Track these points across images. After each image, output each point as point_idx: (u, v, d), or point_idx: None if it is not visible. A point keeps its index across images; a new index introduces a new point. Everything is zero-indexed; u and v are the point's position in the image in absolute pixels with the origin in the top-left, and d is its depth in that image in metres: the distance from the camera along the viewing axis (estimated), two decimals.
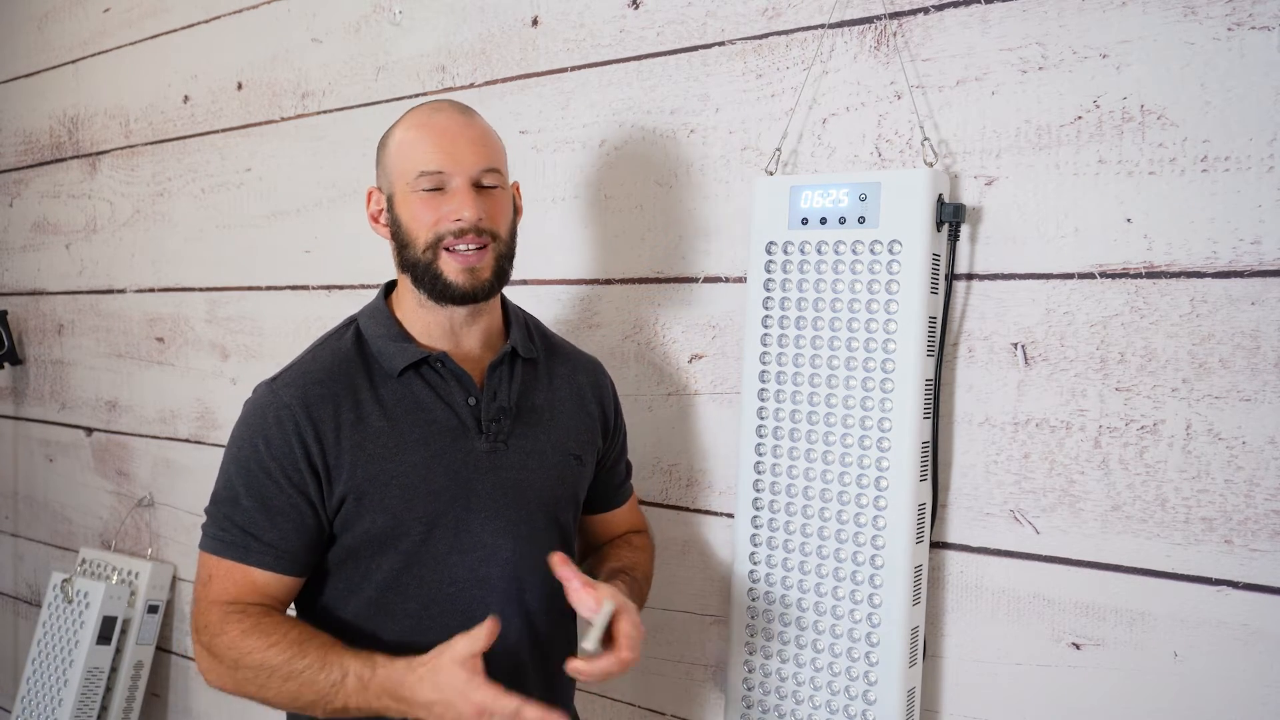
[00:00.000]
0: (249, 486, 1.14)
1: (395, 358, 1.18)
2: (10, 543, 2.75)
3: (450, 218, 1.15)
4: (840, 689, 1.23)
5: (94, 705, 2.15)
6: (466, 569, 1.17)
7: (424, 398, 1.18)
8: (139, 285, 2.35)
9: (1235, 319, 1.06)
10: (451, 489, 1.16)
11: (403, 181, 1.17)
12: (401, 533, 1.15)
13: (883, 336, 1.20)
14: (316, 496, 1.14)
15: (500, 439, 1.19)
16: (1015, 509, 1.20)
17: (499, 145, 1.22)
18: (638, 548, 1.37)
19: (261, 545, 1.14)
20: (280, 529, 1.14)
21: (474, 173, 1.16)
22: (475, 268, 1.16)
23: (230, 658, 1.11)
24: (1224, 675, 1.07)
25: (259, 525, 1.14)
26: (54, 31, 2.56)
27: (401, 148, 1.18)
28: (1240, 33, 1.05)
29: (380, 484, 1.14)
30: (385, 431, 1.15)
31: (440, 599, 1.17)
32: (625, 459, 1.40)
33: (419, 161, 1.16)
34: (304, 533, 1.15)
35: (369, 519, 1.14)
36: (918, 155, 1.25)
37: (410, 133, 1.18)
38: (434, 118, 1.19)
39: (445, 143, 1.16)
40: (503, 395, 1.20)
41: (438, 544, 1.16)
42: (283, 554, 1.15)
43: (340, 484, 1.14)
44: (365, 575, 1.17)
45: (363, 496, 1.14)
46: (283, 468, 1.13)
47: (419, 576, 1.16)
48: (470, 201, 1.14)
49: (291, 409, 1.14)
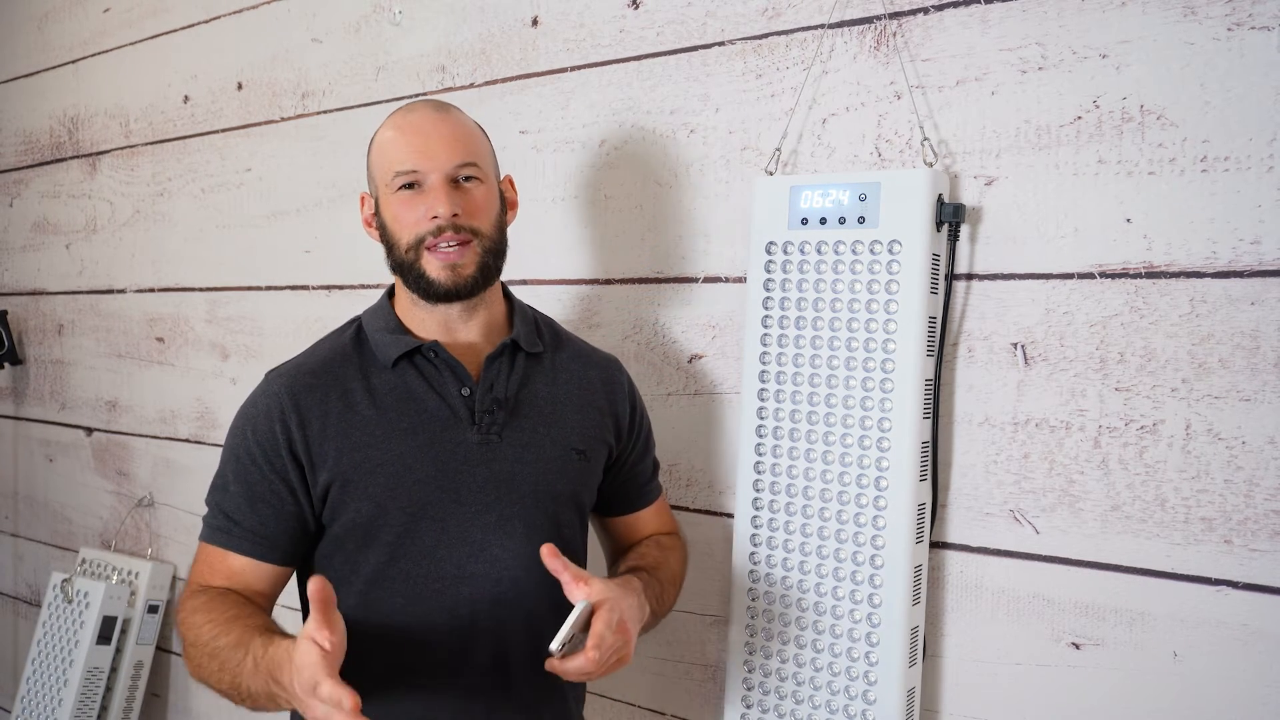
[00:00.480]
0: (236, 474, 1.16)
1: (389, 347, 1.18)
2: (10, 543, 2.75)
3: (426, 216, 1.15)
4: (840, 689, 1.23)
5: (94, 705, 2.15)
6: (454, 564, 1.15)
7: (416, 387, 1.17)
8: (139, 285, 2.35)
9: (1235, 319, 1.06)
10: (438, 479, 1.15)
11: (383, 183, 1.18)
12: (385, 522, 1.14)
13: (883, 336, 1.20)
14: (299, 484, 1.14)
15: (494, 431, 1.17)
16: (1015, 509, 1.20)
17: (478, 140, 1.21)
18: (666, 548, 1.33)
19: (241, 530, 1.15)
20: (260, 514, 1.15)
21: (449, 169, 1.15)
22: (457, 264, 1.15)
23: (186, 638, 1.12)
24: (1224, 675, 1.07)
25: (241, 511, 1.15)
26: (54, 31, 2.56)
27: (380, 149, 1.19)
28: (1240, 33, 1.05)
29: (365, 471, 1.14)
30: (373, 420, 1.15)
31: (426, 594, 1.15)
32: (650, 460, 1.37)
33: (394, 162, 1.16)
34: (283, 519, 1.15)
35: (354, 506, 1.14)
36: (918, 155, 1.25)
37: (387, 134, 1.19)
38: (408, 118, 1.19)
39: (419, 141, 1.16)
40: (499, 387, 1.19)
41: (423, 536, 1.15)
42: (260, 539, 1.15)
43: (325, 471, 1.14)
44: (353, 569, 1.16)
45: (348, 484, 1.14)
46: (265, 454, 1.14)
47: (404, 570, 1.15)
48: (444, 198, 1.14)
49: (279, 397, 1.15)
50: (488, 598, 1.16)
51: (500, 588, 1.17)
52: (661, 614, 1.25)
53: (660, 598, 1.23)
